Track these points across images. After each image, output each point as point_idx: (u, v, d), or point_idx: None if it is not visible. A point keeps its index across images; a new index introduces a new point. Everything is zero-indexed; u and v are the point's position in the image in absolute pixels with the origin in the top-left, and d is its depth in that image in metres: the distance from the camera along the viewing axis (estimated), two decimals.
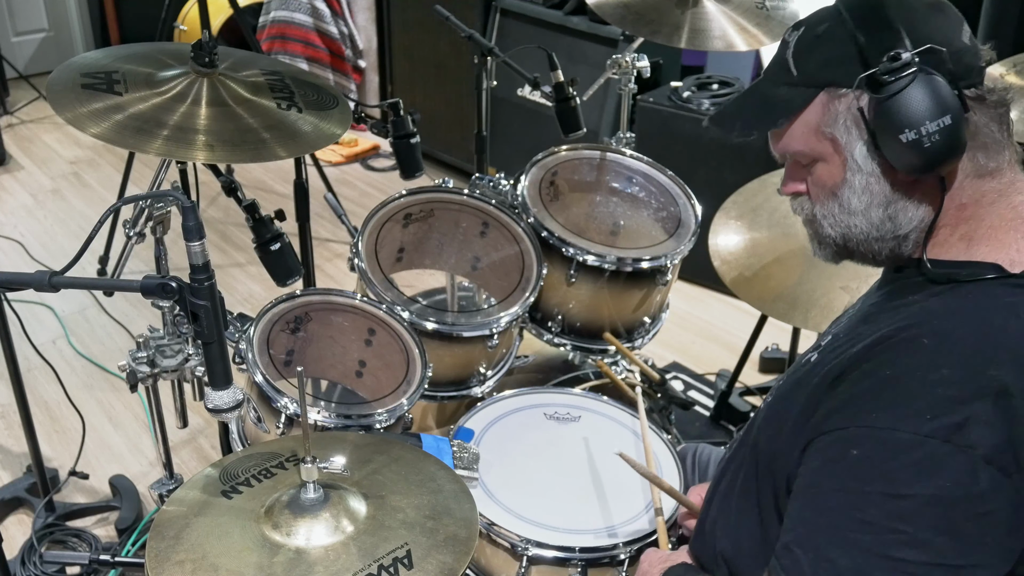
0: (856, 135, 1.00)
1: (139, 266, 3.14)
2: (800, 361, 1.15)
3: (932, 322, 0.95)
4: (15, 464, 2.37)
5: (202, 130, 1.51)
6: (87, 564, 1.57)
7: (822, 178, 1.05)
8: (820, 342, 1.15)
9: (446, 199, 1.95)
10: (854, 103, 0.99)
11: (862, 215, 1.03)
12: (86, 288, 1.29)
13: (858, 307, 1.15)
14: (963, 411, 0.87)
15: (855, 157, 1.01)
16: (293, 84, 1.70)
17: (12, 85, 4.64)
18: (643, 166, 2.12)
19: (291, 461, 1.23)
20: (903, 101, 0.94)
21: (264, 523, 1.10)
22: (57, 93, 1.50)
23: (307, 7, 4.23)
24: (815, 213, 1.08)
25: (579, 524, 1.45)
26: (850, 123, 1.00)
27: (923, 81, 0.94)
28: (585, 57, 3.27)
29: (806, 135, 1.04)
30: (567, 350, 2.02)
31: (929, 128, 0.93)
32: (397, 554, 1.06)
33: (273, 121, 1.59)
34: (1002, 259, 0.97)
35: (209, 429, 2.47)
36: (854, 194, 1.02)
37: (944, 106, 0.94)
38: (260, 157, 1.54)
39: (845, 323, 1.13)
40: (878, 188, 1.01)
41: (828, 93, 1.01)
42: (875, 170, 1.01)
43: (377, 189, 3.99)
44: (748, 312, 2.22)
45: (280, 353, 1.65)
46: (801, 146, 1.05)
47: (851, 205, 1.03)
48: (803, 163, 1.08)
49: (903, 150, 0.95)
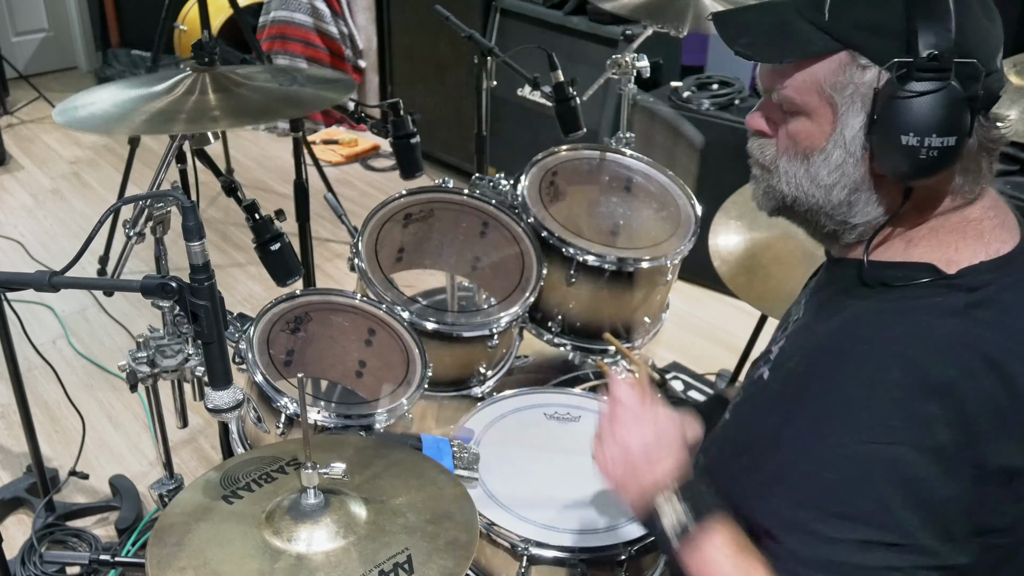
0: (858, 112, 0.94)
1: (139, 266, 3.13)
2: (753, 376, 1.12)
3: (870, 328, 0.94)
4: (15, 464, 2.37)
5: (215, 107, 1.61)
6: (87, 564, 1.57)
7: (799, 135, 0.99)
8: (770, 350, 1.12)
9: (446, 199, 1.95)
10: (873, 81, 0.92)
11: (825, 190, 0.98)
12: (86, 288, 1.29)
13: (803, 309, 1.12)
14: (920, 415, 0.87)
15: (845, 133, 0.95)
16: (291, 70, 1.75)
17: (12, 85, 4.64)
18: (643, 166, 2.12)
19: (291, 465, 1.23)
20: (922, 104, 0.88)
21: (265, 529, 1.10)
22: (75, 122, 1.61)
23: (307, 7, 4.23)
24: (777, 165, 1.02)
25: (579, 524, 1.45)
26: (857, 98, 0.93)
27: (950, 94, 0.88)
28: (585, 57, 3.27)
29: (806, 86, 0.96)
30: (567, 350, 2.02)
31: (932, 141, 0.88)
32: (398, 559, 1.06)
33: (278, 95, 1.68)
34: (937, 259, 0.96)
35: (209, 429, 2.47)
36: (826, 167, 0.97)
37: (955, 127, 0.89)
38: (270, 118, 1.64)
39: (791, 331, 1.10)
40: (851, 171, 0.96)
41: (851, 55, 0.93)
42: (857, 153, 0.95)
43: (377, 189, 3.98)
44: (748, 312, 2.21)
45: (280, 353, 1.65)
46: (795, 94, 0.97)
47: (818, 176, 0.98)
48: (785, 109, 1.00)
49: (896, 151, 0.90)
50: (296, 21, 4.24)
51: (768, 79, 1.01)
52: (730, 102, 3.05)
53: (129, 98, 1.62)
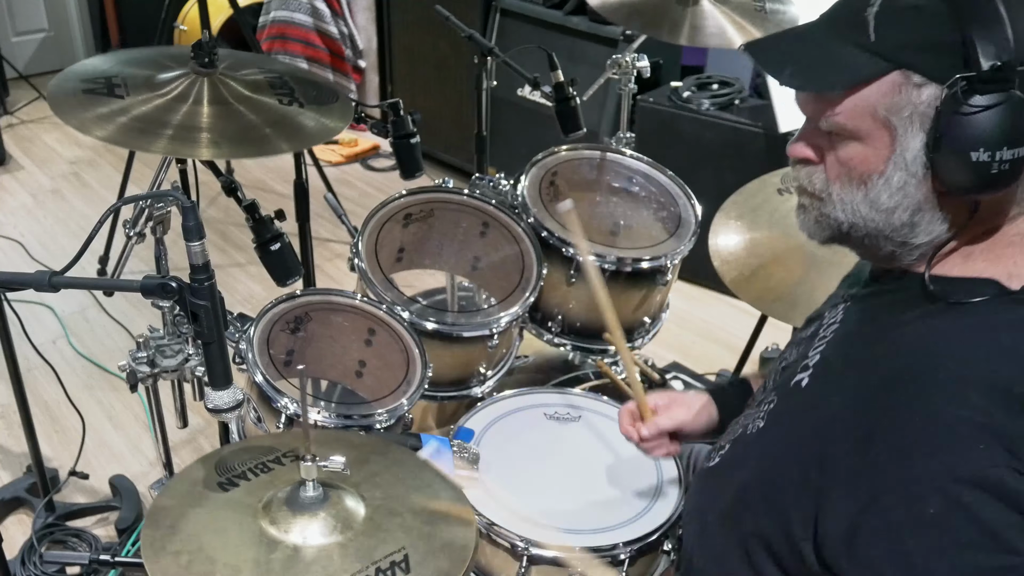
0: (917, 132, 0.90)
1: (139, 266, 3.14)
2: (788, 384, 1.07)
3: (942, 349, 0.90)
4: (15, 464, 2.37)
5: (205, 128, 1.52)
6: (87, 564, 1.57)
7: (854, 160, 0.94)
8: (807, 355, 1.07)
9: (446, 199, 1.95)
10: (933, 99, 0.88)
11: (886, 214, 0.94)
12: (86, 288, 1.30)
13: (840, 315, 1.08)
14: (1008, 434, 0.83)
15: (905, 155, 0.91)
16: (292, 81, 1.71)
17: (12, 85, 4.64)
18: (643, 166, 2.12)
19: (288, 457, 1.23)
20: (991, 118, 0.84)
21: (262, 518, 1.10)
22: (59, 100, 1.51)
23: (307, 7, 4.23)
24: (831, 192, 0.97)
25: (579, 524, 1.45)
26: (916, 118, 0.89)
27: (1016, 104, 0.84)
28: (585, 57, 3.27)
29: (859, 112, 0.92)
30: (567, 350, 2.02)
31: (1004, 155, 0.85)
32: (395, 558, 1.06)
33: (275, 117, 1.60)
34: (999, 274, 0.93)
35: (209, 429, 2.47)
36: (887, 190, 0.93)
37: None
38: (264, 152, 1.56)
39: (833, 339, 1.06)
40: (914, 192, 0.92)
41: (904, 75, 0.89)
42: (918, 173, 0.91)
43: (377, 189, 3.98)
44: (748, 312, 2.22)
45: (280, 353, 1.65)
46: (847, 121, 0.93)
47: (879, 200, 0.94)
48: (835, 135, 0.95)
49: (966, 168, 0.86)
50: (296, 21, 4.24)
51: (813, 108, 0.97)
52: (730, 102, 3.06)
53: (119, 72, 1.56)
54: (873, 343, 0.98)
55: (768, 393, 1.14)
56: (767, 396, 1.13)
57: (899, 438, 0.88)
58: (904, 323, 0.96)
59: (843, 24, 0.93)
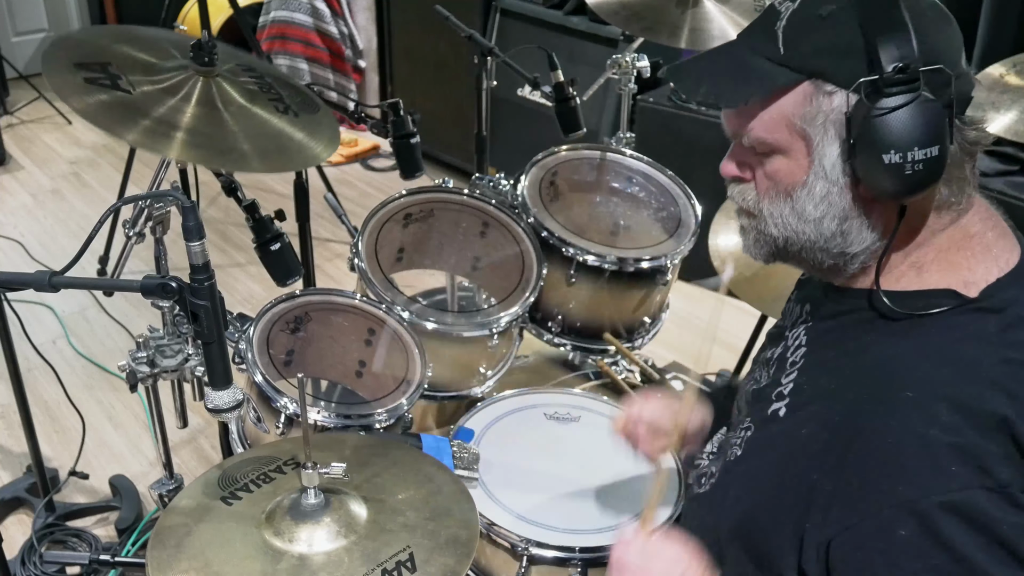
0: (832, 140, 0.91)
1: (139, 266, 3.14)
2: (765, 412, 1.05)
3: (906, 369, 0.90)
4: (15, 464, 2.37)
5: (183, 127, 1.43)
6: (87, 564, 1.58)
7: (778, 174, 0.96)
8: (780, 381, 1.05)
9: (446, 199, 1.95)
10: (843, 106, 0.89)
11: (814, 224, 0.95)
12: (86, 288, 1.29)
13: (804, 337, 1.07)
14: (979, 452, 0.83)
15: (823, 163, 0.92)
16: (287, 95, 1.63)
17: (12, 85, 4.64)
18: (643, 166, 2.12)
19: (289, 465, 1.23)
20: (899, 119, 0.85)
21: (266, 529, 1.10)
22: (53, 63, 1.42)
23: (307, 7, 4.23)
24: (761, 208, 0.99)
25: (579, 524, 1.45)
26: (830, 125, 0.91)
27: (923, 104, 0.85)
28: (585, 57, 3.27)
29: (775, 124, 0.94)
30: (567, 350, 2.02)
31: (916, 155, 0.86)
32: (400, 557, 1.06)
33: (258, 132, 1.52)
34: (955, 283, 0.93)
35: (209, 429, 2.47)
36: (811, 201, 0.94)
37: (936, 135, 0.86)
38: (236, 166, 1.47)
39: (804, 366, 1.04)
40: (838, 200, 0.93)
41: (814, 84, 0.91)
42: (840, 181, 0.92)
43: (377, 189, 3.99)
44: (748, 312, 2.21)
45: (280, 353, 1.65)
46: (765, 134, 0.95)
47: (805, 211, 0.95)
48: (758, 150, 0.97)
49: (881, 171, 0.87)
50: (296, 21, 4.24)
51: (734, 124, 0.98)
52: None
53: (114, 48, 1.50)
54: (838, 370, 0.97)
55: (743, 419, 1.12)
56: (742, 421, 1.12)
57: (870, 462, 0.88)
58: (866, 345, 0.96)
59: (756, 39, 0.95)
